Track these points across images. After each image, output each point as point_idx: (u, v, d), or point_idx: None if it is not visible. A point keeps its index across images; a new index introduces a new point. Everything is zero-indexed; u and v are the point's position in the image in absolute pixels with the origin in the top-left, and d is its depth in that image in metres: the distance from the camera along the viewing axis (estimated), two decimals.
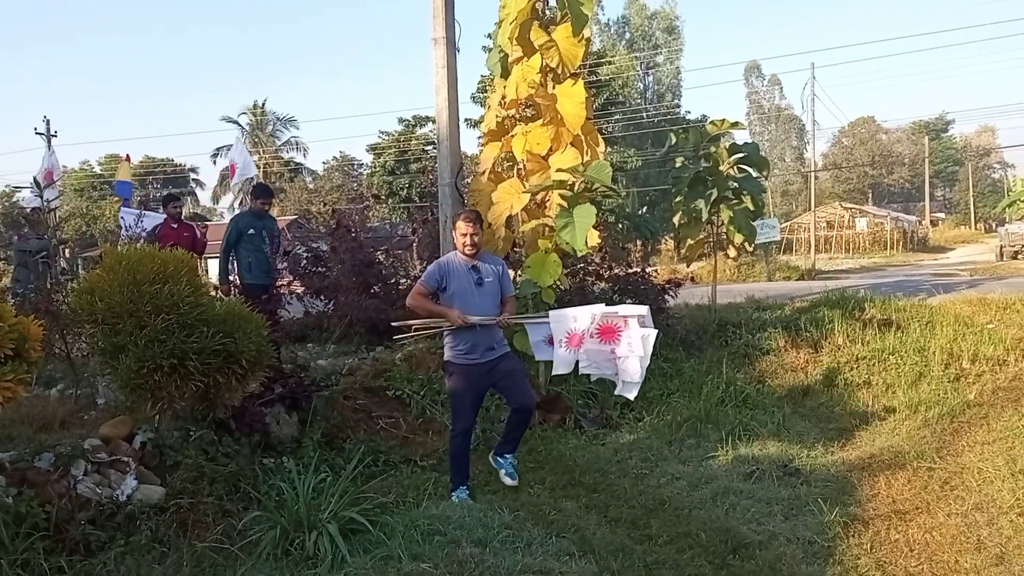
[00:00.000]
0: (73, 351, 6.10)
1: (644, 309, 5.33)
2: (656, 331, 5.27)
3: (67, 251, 10.11)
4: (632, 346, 5.14)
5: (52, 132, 34.74)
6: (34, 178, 7.03)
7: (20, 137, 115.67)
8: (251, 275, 7.76)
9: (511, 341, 7.43)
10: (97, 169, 56.71)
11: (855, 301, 10.69)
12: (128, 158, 13.32)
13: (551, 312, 5.55)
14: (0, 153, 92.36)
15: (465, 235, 5.26)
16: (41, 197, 6.34)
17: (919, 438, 6.50)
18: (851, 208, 47.61)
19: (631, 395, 5.34)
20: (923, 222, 54.00)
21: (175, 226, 9.14)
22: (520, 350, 7.41)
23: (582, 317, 5.25)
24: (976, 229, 59.33)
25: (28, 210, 8.83)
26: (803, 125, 56.97)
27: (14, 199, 46.31)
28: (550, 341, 5.39)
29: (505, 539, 4.46)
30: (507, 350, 5.47)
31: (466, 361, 5.23)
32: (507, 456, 5.58)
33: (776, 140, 63.76)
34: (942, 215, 66.53)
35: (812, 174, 39.39)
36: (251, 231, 7.76)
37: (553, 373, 5.65)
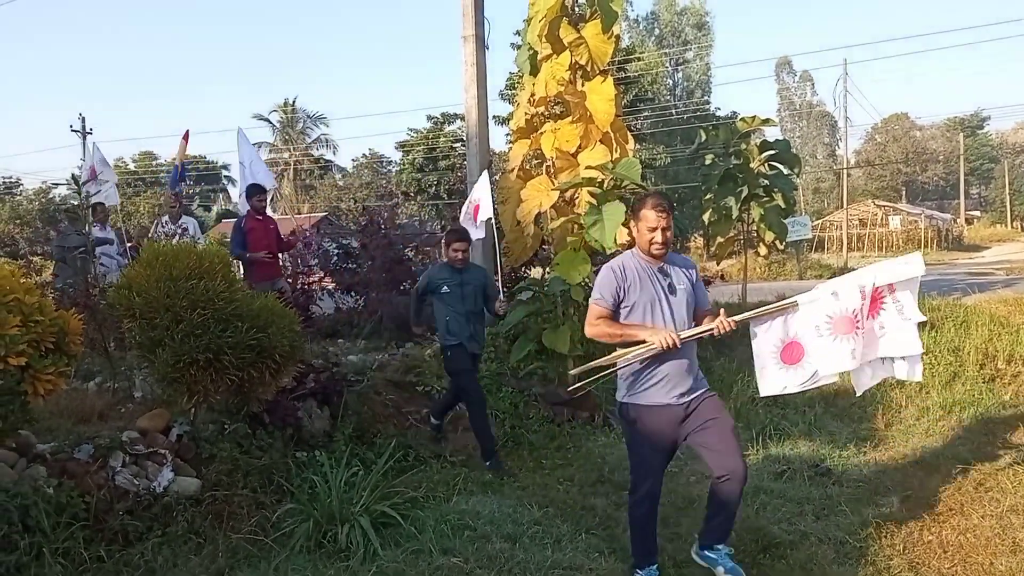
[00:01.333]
0: (110, 345, 6.21)
1: (918, 260, 3.87)
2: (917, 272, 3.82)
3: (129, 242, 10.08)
4: (904, 310, 3.84)
5: (88, 129, 35.40)
6: (72, 175, 7.13)
7: (55, 134, 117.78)
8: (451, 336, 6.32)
9: (540, 337, 7.47)
10: (131, 166, 57.56)
11: None
12: (187, 136, 10.78)
13: (800, 297, 3.98)
14: (36, 150, 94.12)
15: (655, 229, 3.83)
16: (79, 193, 6.46)
17: (953, 439, 6.42)
18: (884, 206, 47.01)
19: (919, 374, 4.00)
20: (958, 220, 53.18)
21: (260, 218, 8.62)
22: (550, 347, 7.44)
23: (847, 291, 3.81)
24: (1012, 228, 58.28)
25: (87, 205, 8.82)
26: (835, 121, 56.41)
27: (50, 195, 47.24)
28: (787, 350, 4.00)
29: (535, 535, 4.48)
30: (707, 388, 4.10)
31: (655, 402, 3.91)
32: (719, 548, 4.09)
33: (808, 137, 63.05)
34: (977, 213, 65.43)
35: (844, 171, 38.98)
36: (445, 288, 6.27)
37: (813, 385, 4.06)
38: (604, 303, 3.92)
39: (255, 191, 8.68)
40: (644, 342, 3.78)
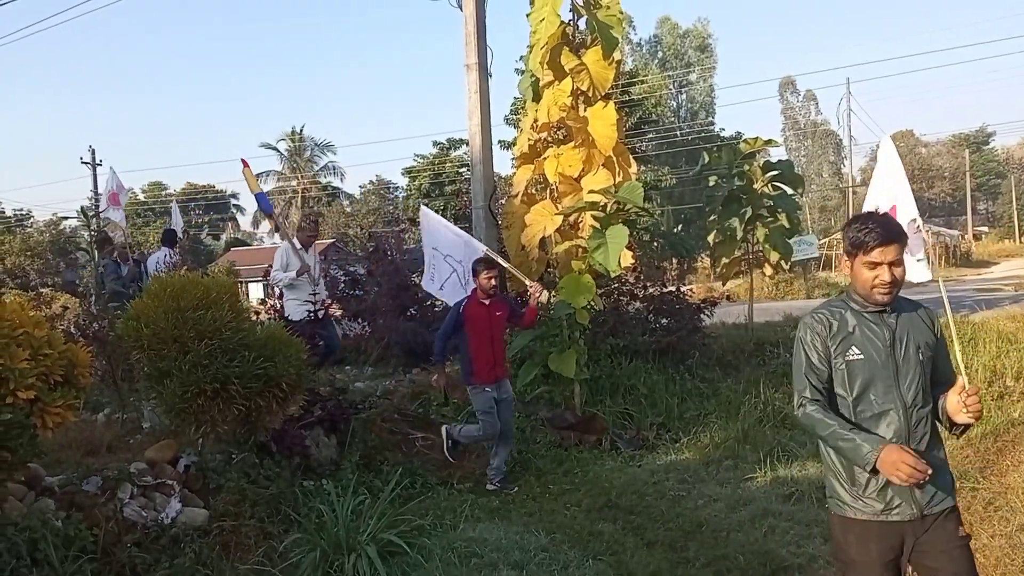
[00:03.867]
0: (119, 376, 6.26)
1: None
2: None
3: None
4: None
5: (97, 161, 35.73)
6: (81, 208, 7.27)
7: (63, 167, 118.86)
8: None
9: (546, 361, 7.49)
10: (141, 196, 58.02)
11: None
12: (246, 163, 8.84)
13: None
14: (46, 183, 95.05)
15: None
16: (89, 227, 6.53)
17: (962, 458, 6.37)
18: None
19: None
20: (965, 236, 52.97)
21: (486, 302, 6.33)
22: (557, 371, 7.46)
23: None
24: (1021, 243, 57.98)
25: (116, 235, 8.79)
26: (840, 140, 56.46)
27: (60, 227, 47.62)
28: None
29: (542, 562, 4.47)
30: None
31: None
32: None
33: (813, 155, 63.07)
34: (985, 229, 65.17)
35: (850, 189, 38.99)
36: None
37: None
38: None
39: (483, 266, 6.40)
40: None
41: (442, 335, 6.40)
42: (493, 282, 6.29)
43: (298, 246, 7.86)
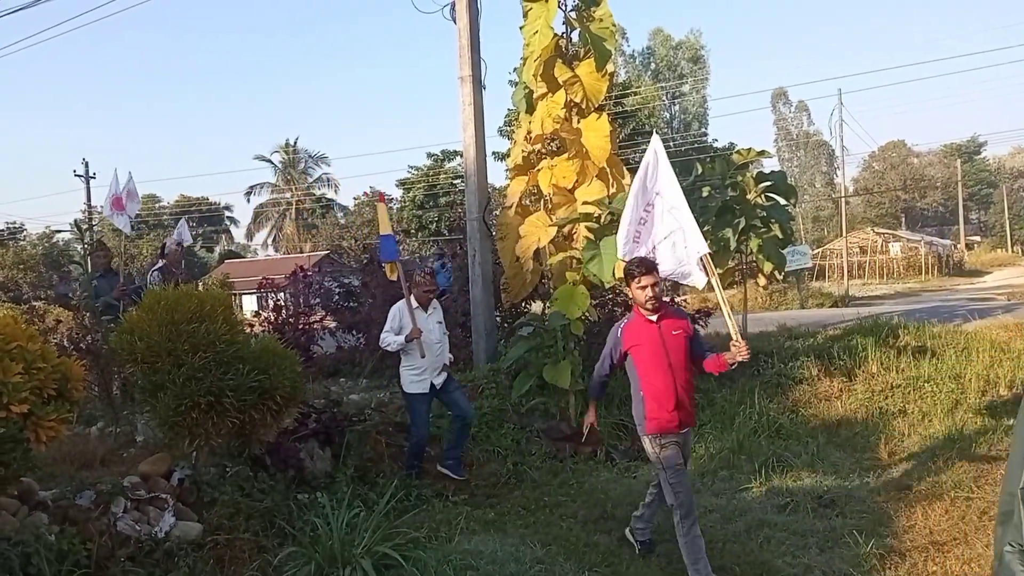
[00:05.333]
0: (113, 389, 6.24)
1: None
2: None
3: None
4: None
5: (91, 174, 35.66)
6: (74, 221, 7.24)
7: (56, 180, 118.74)
8: None
9: (541, 372, 7.49)
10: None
11: (889, 328, 10.57)
12: (382, 197, 8.17)
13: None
14: (39, 196, 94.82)
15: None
16: (82, 240, 6.52)
17: (956, 467, 6.39)
18: (884, 233, 47.07)
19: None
20: (958, 246, 53.19)
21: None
22: (551, 382, 7.46)
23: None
24: (1013, 252, 58.24)
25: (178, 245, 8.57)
26: (832, 151, 56.68)
27: (53, 240, 47.51)
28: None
29: (537, 574, 4.47)
30: None
31: None
32: None
33: (805, 166, 63.34)
34: (977, 238, 65.45)
35: (843, 199, 39.14)
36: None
37: None
38: None
39: (641, 270, 4.83)
40: None
41: (599, 369, 4.99)
42: (650, 292, 4.57)
43: (415, 305, 6.54)
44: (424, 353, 6.33)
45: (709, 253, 4.72)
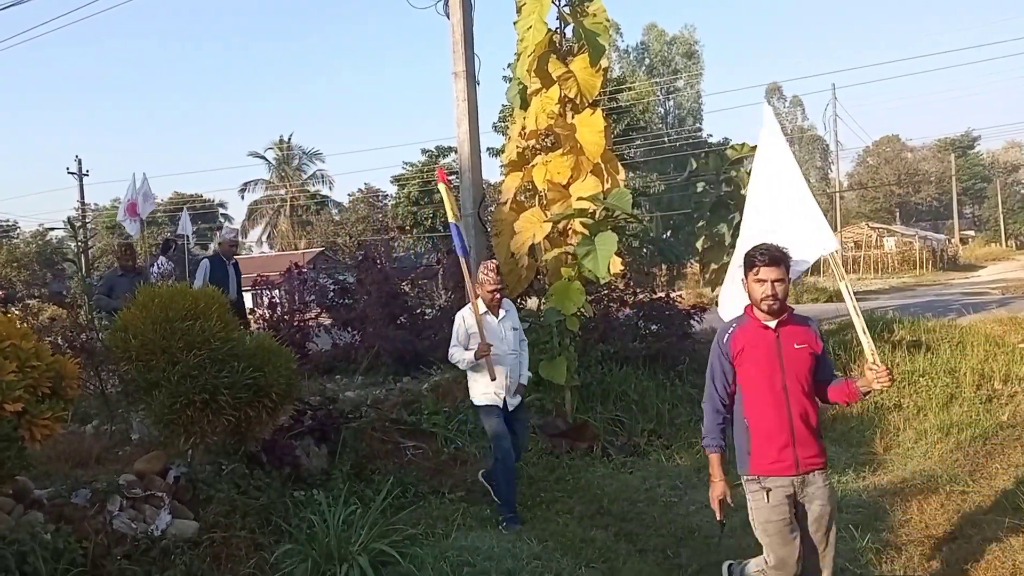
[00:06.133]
0: (107, 387, 6.21)
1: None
2: None
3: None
4: None
5: (84, 171, 35.54)
6: (68, 218, 7.19)
7: (49, 177, 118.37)
8: None
9: (534, 370, 7.49)
10: None
11: (884, 323, 10.59)
12: (443, 175, 6.72)
13: None
14: (32, 193, 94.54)
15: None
16: (76, 238, 6.49)
17: (952, 461, 6.41)
18: (879, 228, 47.21)
19: None
20: (952, 240, 53.36)
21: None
22: (547, 378, 7.46)
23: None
24: (1007, 246, 58.48)
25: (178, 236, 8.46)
26: (827, 146, 56.83)
27: (47, 238, 47.37)
28: None
29: (534, 570, 4.47)
30: None
31: None
32: None
33: (800, 161, 62.67)
34: (972, 233, 65.68)
35: (837, 194, 39.22)
36: None
37: None
38: None
39: (764, 258, 4.01)
40: None
41: (709, 400, 3.76)
42: (770, 289, 3.51)
43: (482, 309, 5.58)
44: (495, 376, 5.44)
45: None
